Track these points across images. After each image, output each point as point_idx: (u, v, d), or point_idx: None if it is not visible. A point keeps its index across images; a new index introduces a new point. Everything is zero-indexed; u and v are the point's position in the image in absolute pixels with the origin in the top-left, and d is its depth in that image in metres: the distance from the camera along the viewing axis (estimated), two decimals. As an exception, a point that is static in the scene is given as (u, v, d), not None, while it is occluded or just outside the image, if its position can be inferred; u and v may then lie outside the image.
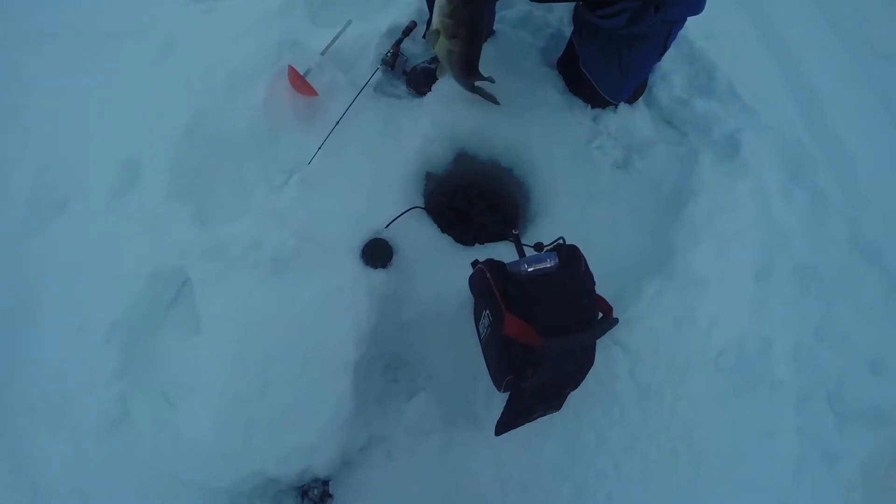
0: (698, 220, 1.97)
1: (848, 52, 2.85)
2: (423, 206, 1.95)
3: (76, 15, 2.31)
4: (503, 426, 1.43)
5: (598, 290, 1.50)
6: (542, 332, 1.27)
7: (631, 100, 2.15)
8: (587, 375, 1.48)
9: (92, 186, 1.90)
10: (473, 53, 1.73)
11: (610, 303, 1.49)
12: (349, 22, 2.15)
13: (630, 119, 2.14)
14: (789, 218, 2.12)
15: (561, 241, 1.51)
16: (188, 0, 2.28)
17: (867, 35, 3.05)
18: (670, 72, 2.28)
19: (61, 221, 1.90)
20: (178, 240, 1.79)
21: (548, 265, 1.41)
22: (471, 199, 2.17)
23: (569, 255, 1.43)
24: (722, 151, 2.15)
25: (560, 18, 2.27)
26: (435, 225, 1.95)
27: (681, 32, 2.04)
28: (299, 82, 1.94)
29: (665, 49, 1.99)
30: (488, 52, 2.12)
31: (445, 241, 1.92)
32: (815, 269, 2.07)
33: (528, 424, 1.52)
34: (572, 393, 1.55)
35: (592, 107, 2.13)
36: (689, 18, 1.91)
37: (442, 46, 1.68)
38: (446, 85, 2.06)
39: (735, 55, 2.38)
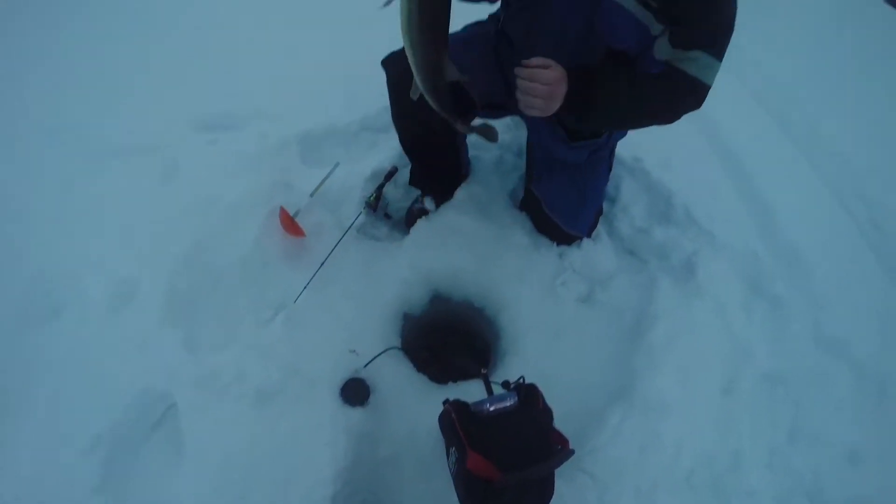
0: (659, 346, 2.06)
1: (800, 154, 3.06)
2: (399, 346, 2.06)
3: (87, 125, 2.44)
4: None
5: (564, 421, 1.59)
6: (502, 468, 1.38)
7: (589, 232, 2.30)
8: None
9: (88, 297, 1.93)
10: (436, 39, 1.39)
11: (566, 435, 1.57)
12: (337, 164, 2.33)
13: (593, 253, 2.29)
14: (750, 330, 2.22)
15: (521, 380, 1.62)
16: (194, 128, 2.46)
17: (817, 135, 3.27)
18: (630, 203, 2.46)
19: (54, 327, 1.89)
20: (168, 363, 1.84)
21: (508, 404, 1.53)
22: (445, 338, 2.28)
23: (527, 394, 1.56)
24: (679, 276, 2.28)
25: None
26: (411, 364, 2.04)
27: (639, 165, 2.27)
28: (289, 223, 2.09)
29: (610, 168, 2.21)
30: (460, 195, 2.33)
31: (420, 380, 2.01)
32: (782, 374, 2.14)
33: None
34: None
35: (558, 244, 2.29)
36: (646, 150, 2.14)
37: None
38: (425, 229, 2.24)
39: (691, 180, 2.56)
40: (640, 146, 2.52)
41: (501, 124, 2.34)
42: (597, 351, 2.13)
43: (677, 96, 1.63)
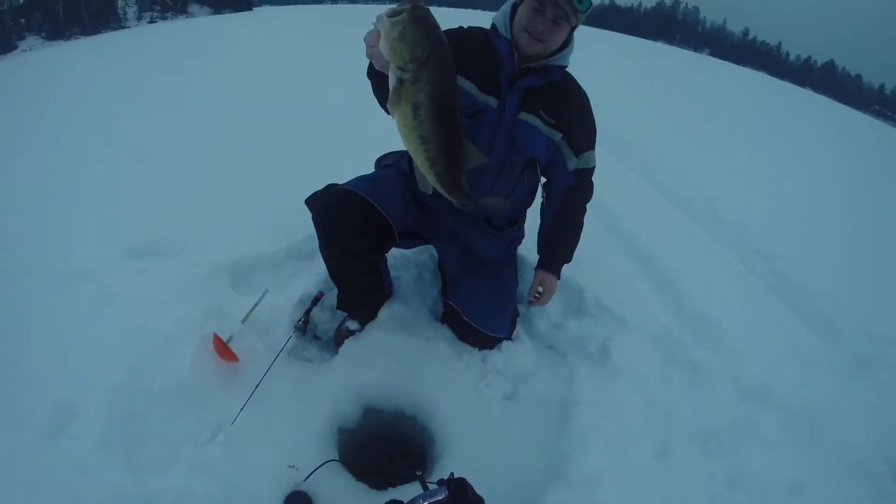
0: (585, 427, 2.19)
1: (700, 228, 3.46)
2: (337, 458, 2.12)
3: (15, 251, 2.50)
4: None
5: None
6: None
7: (509, 334, 2.51)
8: None
9: (23, 422, 1.89)
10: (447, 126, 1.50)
11: None
12: (266, 291, 2.45)
13: (513, 353, 2.48)
14: (673, 396, 2.38)
15: (452, 475, 1.72)
16: (124, 255, 2.54)
17: (714, 210, 3.70)
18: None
19: None
20: (110, 487, 1.80)
21: (439, 498, 1.65)
22: (381, 447, 2.35)
23: (457, 487, 1.69)
24: (596, 361, 2.47)
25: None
26: (349, 474, 2.09)
27: None
28: (222, 349, 2.17)
29: (516, 269, 2.56)
30: (384, 314, 2.51)
31: (360, 488, 2.06)
32: (712, 430, 2.26)
33: None
34: None
35: (480, 349, 2.47)
36: None
37: (406, 115, 1.44)
38: (353, 348, 2.39)
39: (599, 273, 2.85)
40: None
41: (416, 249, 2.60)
42: (527, 441, 2.26)
43: (588, 190, 2.45)
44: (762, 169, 4.28)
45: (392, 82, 1.39)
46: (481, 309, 2.40)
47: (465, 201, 1.76)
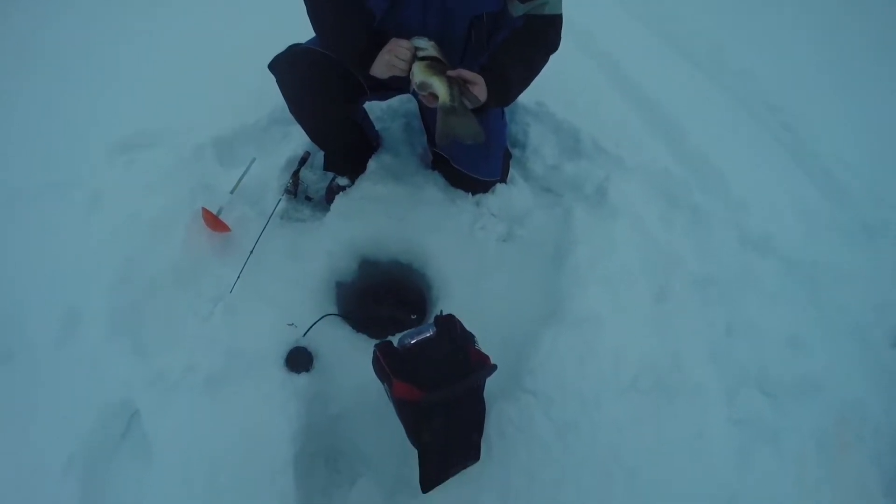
0: (582, 266, 2.17)
1: (705, 78, 3.22)
2: (336, 312, 2.16)
3: (6, 169, 2.48)
4: (426, 482, 1.59)
5: (501, 348, 1.72)
6: (423, 388, 1.51)
7: (503, 177, 2.42)
8: (504, 425, 1.75)
9: (36, 336, 1.98)
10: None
11: (494, 353, 1.69)
12: (253, 160, 2.40)
13: (508, 195, 2.41)
14: (674, 240, 2.33)
15: (440, 313, 1.75)
16: (110, 153, 2.49)
17: (720, 58, 3.40)
18: (540, 145, 2.59)
19: (8, 371, 1.94)
20: (122, 374, 1.90)
21: (427, 334, 1.66)
22: (380, 297, 2.38)
23: (444, 322, 1.68)
24: (593, 202, 2.39)
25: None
26: (349, 327, 2.14)
27: (543, 109, 2.38)
28: (213, 221, 2.16)
29: (503, 110, 2.34)
30: (373, 166, 2.45)
31: (361, 339, 2.11)
32: (712, 277, 2.24)
33: (458, 479, 1.68)
34: (493, 443, 1.76)
35: (473, 193, 2.41)
36: (548, 94, 2.33)
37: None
38: (344, 203, 2.35)
39: (596, 114, 2.69)
40: (541, 91, 2.57)
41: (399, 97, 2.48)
42: (523, 281, 2.24)
43: (545, 37, 1.96)
44: (776, 16, 3.75)
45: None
46: (470, 154, 2.26)
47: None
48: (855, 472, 1.95)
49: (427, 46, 1.77)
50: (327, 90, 2.06)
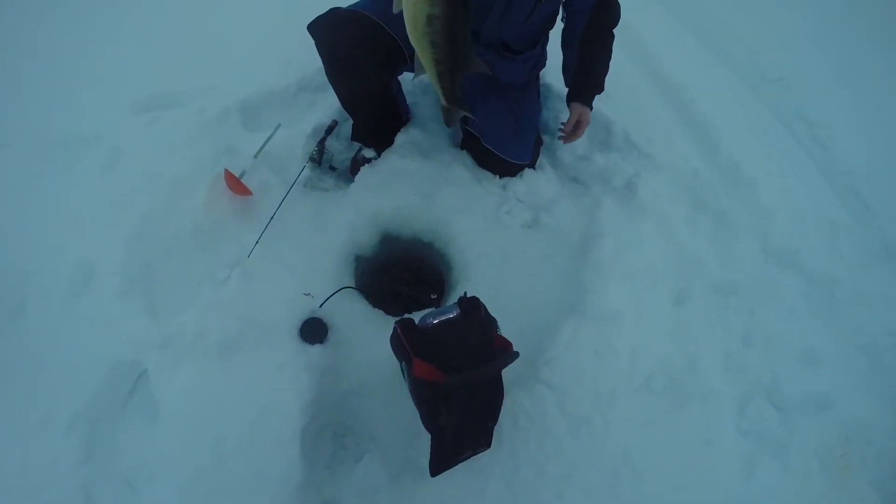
0: (607, 261, 2.15)
1: (741, 83, 3.15)
2: (354, 286, 2.12)
3: (26, 124, 2.44)
4: (436, 466, 1.57)
5: (520, 336, 1.67)
6: (446, 370, 1.46)
7: (532, 162, 2.38)
8: (517, 414, 1.71)
9: (49, 289, 1.99)
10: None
11: (512, 341, 1.65)
12: (278, 125, 2.36)
13: (536, 182, 2.36)
14: (698, 243, 2.31)
15: (465, 294, 1.70)
16: (133, 111, 2.47)
17: (757, 64, 3.35)
18: None
19: (20, 323, 1.94)
20: (133, 333, 1.89)
21: (451, 315, 1.61)
22: (398, 274, 2.34)
23: (469, 305, 1.64)
24: (622, 196, 2.35)
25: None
26: (366, 301, 2.10)
27: None
28: (235, 184, 2.12)
29: (539, 93, 2.33)
30: (401, 140, 2.39)
31: (377, 314, 2.08)
32: (733, 284, 2.22)
33: (466, 466, 1.65)
34: (504, 432, 1.72)
35: (501, 176, 2.36)
36: None
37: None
38: (369, 175, 2.30)
39: (630, 108, 2.64)
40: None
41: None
42: (546, 270, 2.20)
43: (614, 9, 2.10)
44: (813, 25, 3.66)
45: None
46: (502, 134, 2.23)
47: (453, 106, 1.83)
48: (856, 495, 1.95)
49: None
50: (375, 55, 2.01)
